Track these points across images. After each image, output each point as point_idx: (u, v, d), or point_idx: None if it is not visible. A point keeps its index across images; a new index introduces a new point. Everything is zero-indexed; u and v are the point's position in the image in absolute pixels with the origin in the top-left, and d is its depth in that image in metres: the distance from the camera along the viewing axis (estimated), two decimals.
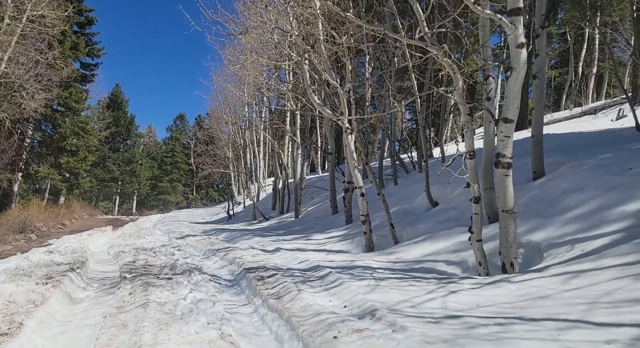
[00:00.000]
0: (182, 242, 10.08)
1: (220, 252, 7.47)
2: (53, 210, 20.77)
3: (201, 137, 31.17)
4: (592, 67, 24.37)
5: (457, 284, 3.97)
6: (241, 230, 12.43)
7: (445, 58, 4.36)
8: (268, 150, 25.25)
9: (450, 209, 6.76)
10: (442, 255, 5.21)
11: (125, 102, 45.02)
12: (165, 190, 48.22)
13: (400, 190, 9.54)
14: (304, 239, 8.43)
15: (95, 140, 27.08)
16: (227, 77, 19.75)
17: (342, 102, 6.41)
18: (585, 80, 23.23)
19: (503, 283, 3.71)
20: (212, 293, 4.64)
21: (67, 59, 20.64)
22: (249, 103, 18.85)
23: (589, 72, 24.14)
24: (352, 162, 6.66)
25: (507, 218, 4.29)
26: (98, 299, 4.75)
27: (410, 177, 10.67)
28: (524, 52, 4.13)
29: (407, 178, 10.60)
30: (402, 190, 9.46)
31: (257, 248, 7.59)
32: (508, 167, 4.31)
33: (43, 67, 17.46)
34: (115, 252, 8.37)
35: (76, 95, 21.35)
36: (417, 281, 4.33)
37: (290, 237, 8.98)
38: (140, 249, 8.36)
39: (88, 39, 24.93)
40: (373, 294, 3.93)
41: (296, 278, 4.92)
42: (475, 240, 4.50)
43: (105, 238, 12.56)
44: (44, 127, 24.38)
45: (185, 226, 16.23)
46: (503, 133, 4.29)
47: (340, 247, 7.18)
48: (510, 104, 4.24)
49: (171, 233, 12.62)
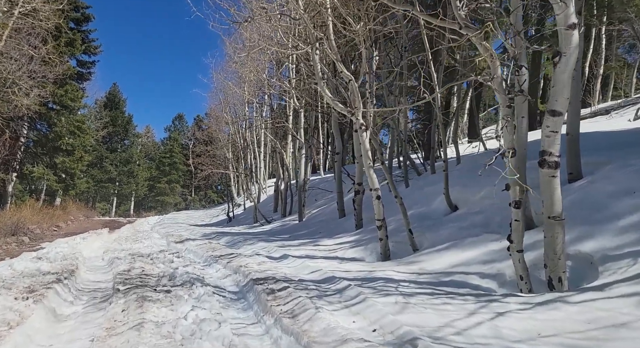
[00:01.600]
0: (181, 246, 9.52)
1: (223, 259, 6.91)
2: (48, 212, 20.17)
3: (200, 137, 30.61)
4: (599, 67, 23.87)
5: (501, 303, 3.43)
6: (243, 233, 11.87)
7: (484, 41, 3.83)
8: (269, 151, 24.71)
9: (474, 214, 6.22)
10: (472, 267, 4.67)
11: (122, 101, 44.39)
12: (163, 191, 47.55)
13: (413, 192, 8.99)
14: (311, 245, 7.87)
15: (92, 139, 26.49)
16: (228, 75, 19.23)
17: (355, 96, 5.87)
18: (594, 80, 22.73)
19: (559, 304, 3.16)
20: (216, 310, 4.09)
21: (63, 55, 20.08)
22: (250, 101, 18.31)
23: (596, 72, 23.64)
24: (367, 162, 6.11)
25: (554, 226, 3.75)
26: (87, 316, 4.19)
27: (422, 179, 10.13)
28: (575, 33, 3.58)
29: (419, 180, 10.05)
30: (414, 192, 8.91)
31: (262, 255, 7.04)
32: (555, 167, 3.78)
33: (37, 64, 16.91)
34: (109, 258, 7.81)
35: (72, 93, 20.76)
36: (451, 298, 3.79)
37: (297, 242, 8.42)
38: (136, 255, 7.80)
39: (85, 36, 24.34)
40: (405, 315, 3.38)
41: (311, 292, 4.37)
42: (515, 251, 3.96)
43: (100, 241, 11.99)
44: (39, 126, 23.81)
45: (184, 229, 15.66)
46: (550, 128, 3.75)
47: (353, 254, 6.63)
48: (559, 94, 3.70)
49: (169, 237, 12.06)
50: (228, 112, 19.10)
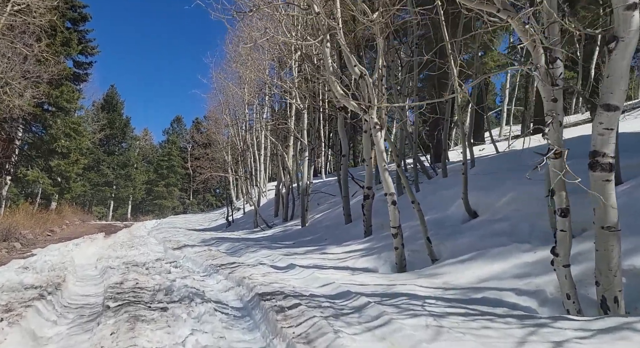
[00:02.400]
0: (179, 253, 9.01)
1: (225, 269, 6.39)
2: (42, 216, 19.63)
3: (199, 140, 30.08)
4: None
5: (552, 329, 2.93)
6: (244, 239, 11.36)
7: (526, 26, 3.36)
8: (269, 154, 24.20)
9: (497, 221, 5.72)
10: (505, 281, 4.17)
11: (120, 103, 43.87)
12: (161, 194, 46.96)
13: (425, 197, 8.49)
14: (318, 253, 7.37)
15: (89, 142, 25.93)
16: (228, 75, 18.75)
17: (370, 92, 5.38)
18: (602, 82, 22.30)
19: (627, 333, 2.67)
20: (219, 332, 3.59)
21: (59, 55, 19.58)
22: (250, 103, 17.81)
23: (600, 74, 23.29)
24: (383, 165, 5.62)
25: (608, 238, 3.25)
26: (70, 340, 3.67)
27: (433, 183, 9.64)
28: (636, 15, 3.10)
29: (430, 184, 9.56)
30: (427, 197, 8.41)
31: (266, 264, 6.53)
32: (610, 170, 3.29)
33: (32, 63, 16.42)
34: (102, 267, 7.29)
35: (68, 94, 20.23)
36: (489, 320, 3.29)
37: (302, 250, 7.92)
38: (131, 264, 7.29)
39: (81, 36, 23.85)
40: (441, 342, 2.88)
41: (325, 310, 3.86)
42: (561, 265, 3.47)
43: (94, 247, 11.48)
44: (34, 128, 23.26)
45: (182, 234, 15.14)
46: (603, 125, 3.27)
47: (364, 264, 6.13)
48: (615, 85, 3.21)
49: (167, 243, 11.54)
50: (228, 113, 18.59)
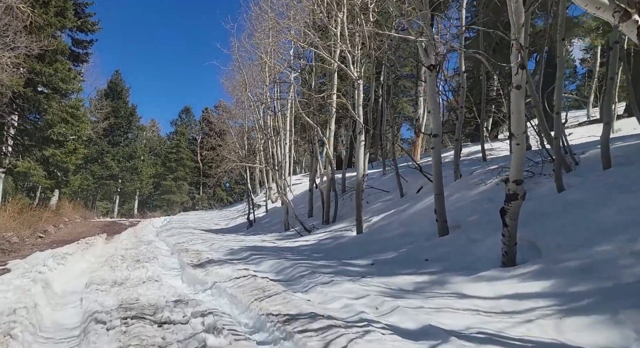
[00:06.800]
0: (203, 276, 6.16)
1: (302, 333, 3.48)
2: (34, 214, 16.92)
3: (216, 123, 27.20)
4: None
5: None
6: (286, 251, 8.43)
7: None
8: (292, 141, 21.28)
9: None
10: None
11: (125, 90, 41.05)
12: (169, 189, 44.21)
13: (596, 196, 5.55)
14: (440, 289, 4.45)
15: (89, 129, 23.13)
16: (250, 51, 15.84)
17: None
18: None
19: None
20: None
21: (51, 27, 16.72)
22: (277, 79, 14.85)
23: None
24: None
25: None
26: None
27: (580, 176, 6.70)
28: None
29: (570, 178, 6.62)
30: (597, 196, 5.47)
31: (374, 322, 3.62)
32: None
33: (19, 32, 13.65)
34: (87, 312, 4.45)
35: (63, 72, 17.35)
36: None
37: (403, 281, 4.93)
38: (134, 311, 4.40)
39: (80, 9, 20.97)
40: None
41: None
42: None
43: (87, 260, 8.69)
44: (29, 114, 20.49)
45: (198, 238, 12.31)
46: None
47: (577, 335, 3.21)
48: None
49: (182, 254, 8.72)
50: (249, 92, 15.63)
